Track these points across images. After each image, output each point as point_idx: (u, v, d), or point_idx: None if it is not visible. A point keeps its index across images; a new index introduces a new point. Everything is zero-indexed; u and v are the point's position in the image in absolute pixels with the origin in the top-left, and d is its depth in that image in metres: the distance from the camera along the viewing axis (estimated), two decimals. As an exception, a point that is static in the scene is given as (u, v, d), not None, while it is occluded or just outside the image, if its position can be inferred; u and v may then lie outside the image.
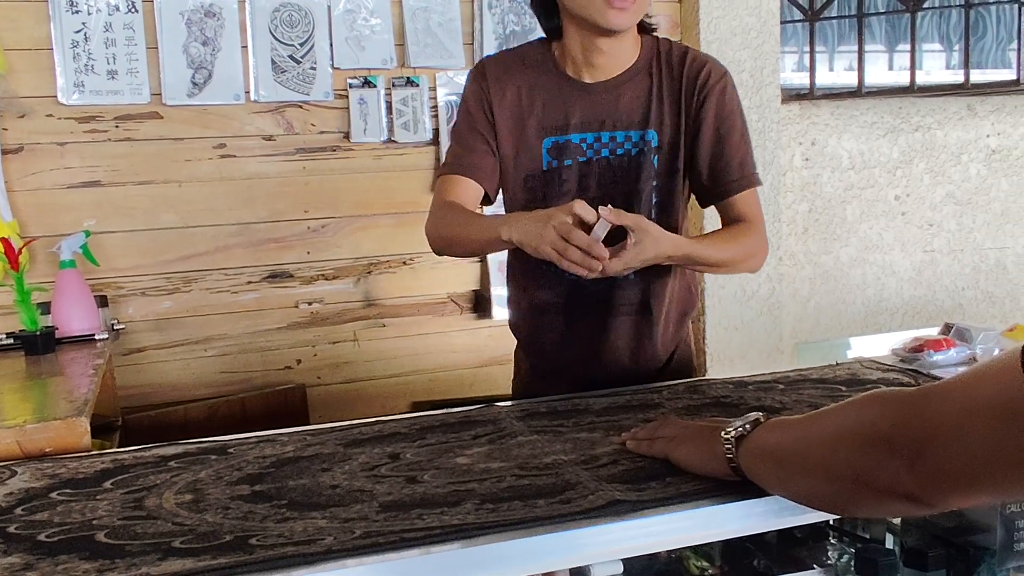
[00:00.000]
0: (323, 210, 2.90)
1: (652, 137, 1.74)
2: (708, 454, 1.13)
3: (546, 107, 1.75)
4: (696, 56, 1.76)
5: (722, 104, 1.73)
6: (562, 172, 1.75)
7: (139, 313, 2.78)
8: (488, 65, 1.80)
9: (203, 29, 2.71)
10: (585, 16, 1.64)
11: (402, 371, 3.05)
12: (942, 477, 0.85)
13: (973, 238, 3.80)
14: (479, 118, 1.77)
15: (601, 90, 1.74)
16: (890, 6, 3.51)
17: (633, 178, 1.75)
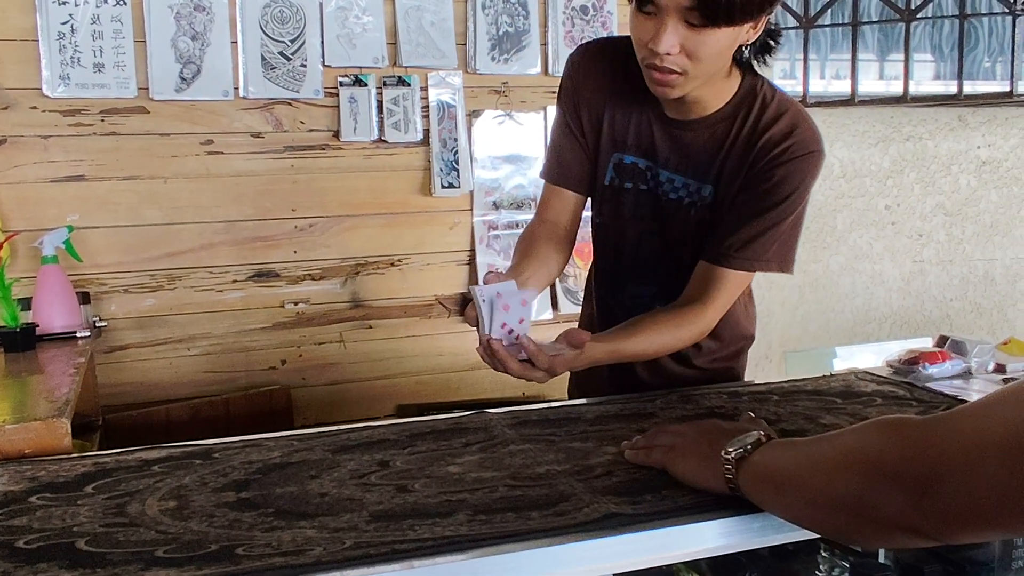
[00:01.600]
0: (311, 209, 2.87)
1: (708, 192, 1.61)
2: (707, 471, 1.11)
3: (625, 123, 1.65)
4: (787, 123, 1.54)
5: (781, 183, 1.53)
6: (619, 193, 1.69)
7: (122, 310, 2.73)
8: (586, 56, 1.68)
9: (192, 23, 2.67)
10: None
11: (388, 373, 3.01)
12: (950, 514, 0.82)
13: (962, 249, 3.80)
14: (570, 109, 1.68)
15: (678, 127, 1.61)
16: (883, 15, 3.50)
17: (680, 226, 1.66)
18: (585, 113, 1.67)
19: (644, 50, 1.44)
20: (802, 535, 1.13)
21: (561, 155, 1.71)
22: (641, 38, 1.43)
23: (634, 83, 1.58)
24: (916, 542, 0.88)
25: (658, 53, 1.40)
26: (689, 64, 1.42)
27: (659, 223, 1.67)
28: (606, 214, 1.71)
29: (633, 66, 1.54)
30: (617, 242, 1.72)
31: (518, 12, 2.94)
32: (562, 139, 1.70)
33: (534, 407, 1.56)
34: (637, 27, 1.44)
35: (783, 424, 1.43)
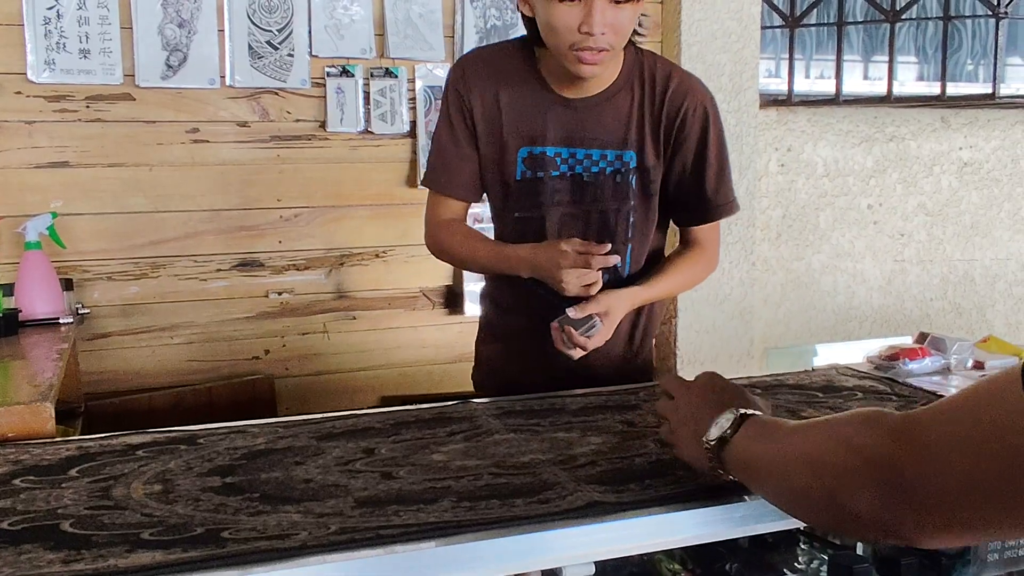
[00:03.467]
0: (297, 199, 2.87)
1: (631, 158, 1.72)
2: (696, 454, 1.11)
3: (524, 116, 1.72)
4: (681, 80, 1.72)
5: (704, 135, 1.72)
6: (536, 184, 1.73)
7: (105, 298, 2.72)
8: (468, 67, 1.76)
9: (179, 11, 2.66)
10: (557, 57, 1.61)
11: (371, 365, 3.01)
12: (925, 514, 0.80)
13: (943, 249, 3.83)
14: (459, 126, 1.74)
15: (581, 107, 1.70)
16: (868, 16, 3.53)
17: (609, 197, 1.74)
18: (479, 118, 1.73)
19: (572, 35, 1.54)
20: (782, 526, 1.15)
21: (448, 164, 1.77)
22: (568, 24, 1.53)
23: (521, 79, 1.72)
24: (890, 540, 0.87)
25: (593, 34, 1.51)
26: (615, 39, 1.56)
27: (579, 203, 1.74)
28: (525, 207, 1.75)
29: (516, 65, 1.72)
30: (539, 231, 1.75)
31: (506, 5, 2.94)
32: (449, 148, 1.76)
33: (518, 397, 1.57)
34: (560, 16, 1.53)
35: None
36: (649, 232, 1.80)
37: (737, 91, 3.20)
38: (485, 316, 1.96)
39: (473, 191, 1.80)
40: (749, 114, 3.24)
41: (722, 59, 3.17)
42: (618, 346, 1.82)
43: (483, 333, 1.97)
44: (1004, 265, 3.94)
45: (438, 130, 1.78)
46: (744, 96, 3.22)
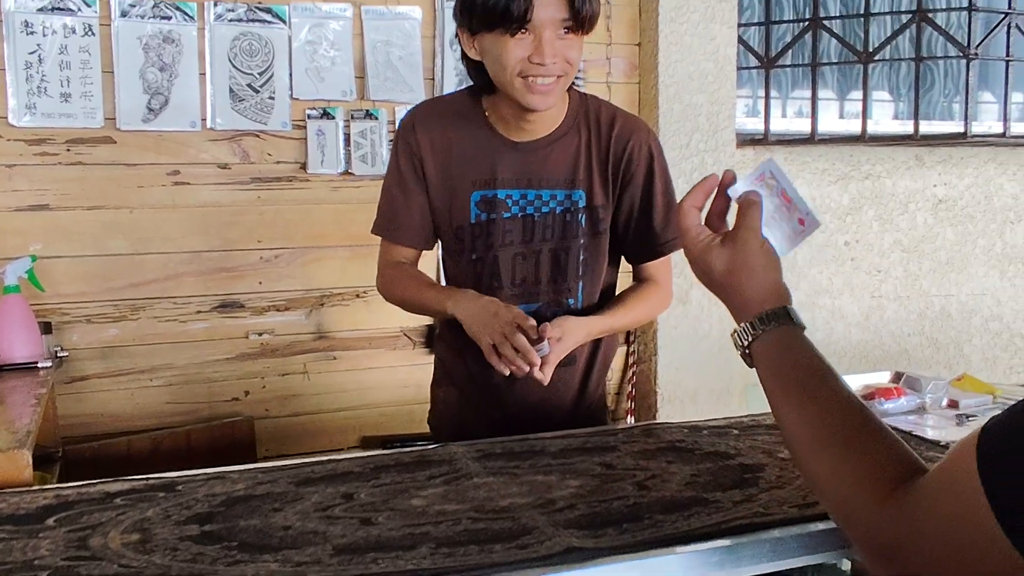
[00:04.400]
0: (277, 240, 2.88)
1: (579, 197, 1.77)
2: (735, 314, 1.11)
3: (475, 161, 1.76)
4: (624, 121, 1.79)
5: (650, 173, 1.79)
6: (489, 226, 1.77)
7: (84, 340, 2.72)
8: (417, 117, 1.80)
9: (161, 55, 2.68)
10: (508, 93, 1.66)
11: (352, 405, 3.01)
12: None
13: (919, 285, 3.87)
14: (409, 175, 1.78)
15: (529, 149, 1.75)
16: (842, 56, 3.59)
17: (559, 236, 1.78)
18: (430, 166, 1.77)
19: (524, 65, 1.59)
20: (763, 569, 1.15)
21: (397, 212, 1.81)
22: (519, 56, 1.59)
23: (471, 126, 1.77)
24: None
25: (544, 64, 1.58)
26: (565, 68, 1.62)
27: (530, 243, 1.78)
28: (479, 249, 1.79)
29: (464, 113, 1.78)
30: (494, 270, 1.79)
31: (485, 48, 2.97)
32: (398, 197, 1.80)
33: (498, 440, 1.57)
34: (510, 50, 1.59)
35: (742, 458, 1.46)
36: (600, 269, 1.84)
37: (714, 131, 3.25)
38: (439, 359, 1.98)
39: (423, 238, 1.83)
40: (726, 153, 3.29)
41: (699, 99, 3.22)
42: (572, 388, 1.86)
43: (437, 375, 1.99)
44: (980, 300, 3.98)
45: (387, 179, 1.82)
46: (721, 136, 3.27)
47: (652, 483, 1.33)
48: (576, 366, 1.86)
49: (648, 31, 3.20)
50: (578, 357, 1.85)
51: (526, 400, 1.82)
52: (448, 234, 1.81)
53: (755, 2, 3.68)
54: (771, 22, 3.53)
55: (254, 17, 2.75)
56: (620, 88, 3.21)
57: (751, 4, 3.69)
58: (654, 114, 3.17)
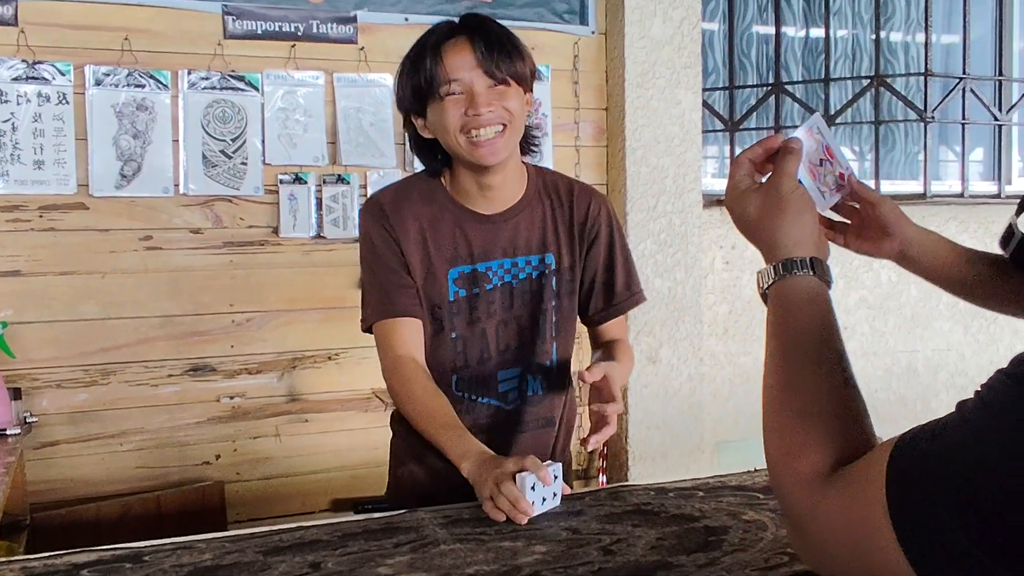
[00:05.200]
0: (249, 304, 2.89)
1: (551, 260, 1.82)
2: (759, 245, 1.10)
3: (448, 239, 1.78)
4: (581, 189, 1.86)
5: (611, 234, 1.85)
6: (471, 301, 1.79)
7: (54, 406, 2.71)
8: (384, 204, 1.79)
9: (134, 122, 2.72)
10: (459, 157, 1.70)
11: (323, 467, 3.01)
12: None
13: (885, 341, 3.93)
14: (391, 258, 1.76)
15: (500, 220, 1.79)
16: (804, 119, 3.68)
17: (536, 300, 1.82)
18: (408, 249, 1.76)
19: (465, 119, 1.64)
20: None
21: (390, 291, 1.76)
22: (456, 113, 1.64)
23: (437, 205, 1.79)
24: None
25: (480, 113, 1.63)
26: (505, 115, 1.66)
27: (511, 310, 1.81)
28: (460, 326, 1.80)
29: (428, 193, 1.80)
30: (480, 345, 1.81)
31: (455, 114, 3.03)
32: (387, 278, 1.76)
33: (466, 505, 1.59)
34: (448, 111, 1.65)
35: (707, 520, 1.48)
36: (572, 329, 1.89)
37: (681, 192, 3.31)
38: (399, 438, 1.97)
39: (422, 313, 1.79)
40: (693, 214, 3.35)
41: (665, 162, 3.28)
42: (547, 451, 1.88)
43: (398, 455, 1.98)
44: (945, 355, 4.05)
45: (371, 269, 1.79)
46: (688, 197, 3.33)
47: (617, 547, 1.35)
48: (554, 428, 1.89)
49: (615, 96, 3.27)
50: (556, 418, 1.88)
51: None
52: (426, 316, 1.80)
53: (719, 67, 3.77)
54: (735, 87, 3.62)
55: (227, 85, 2.80)
56: (588, 151, 3.28)
57: (715, 69, 3.79)
58: (622, 176, 3.24)
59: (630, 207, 3.22)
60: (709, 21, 3.77)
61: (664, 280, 3.32)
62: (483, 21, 1.70)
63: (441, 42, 1.66)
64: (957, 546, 0.75)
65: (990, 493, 0.74)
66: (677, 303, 3.34)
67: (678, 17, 3.27)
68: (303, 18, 2.89)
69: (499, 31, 1.70)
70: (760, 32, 3.91)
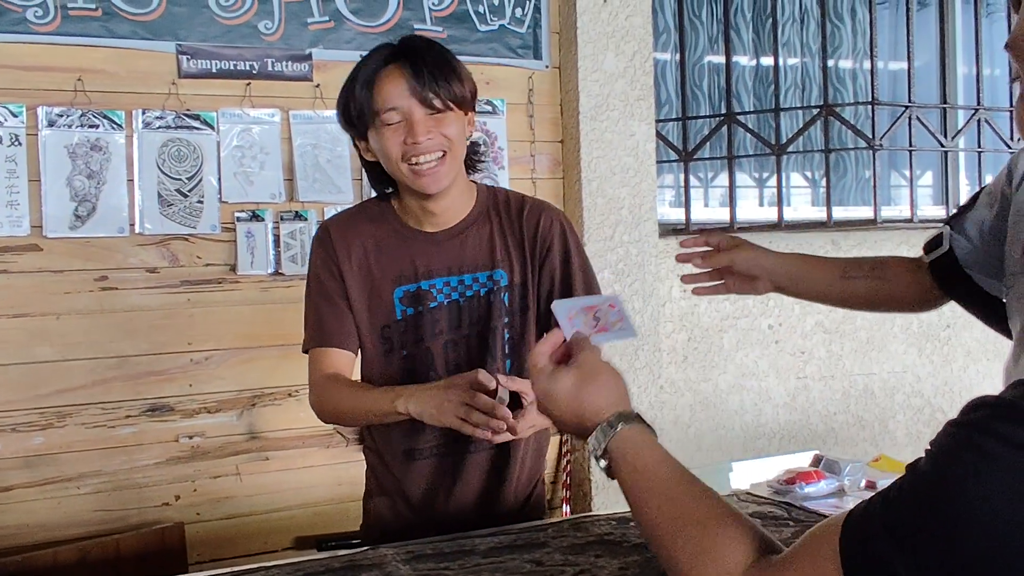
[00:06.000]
0: (207, 342, 2.87)
1: (500, 276, 1.81)
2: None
3: (393, 259, 1.81)
4: (532, 204, 1.86)
5: (565, 248, 1.84)
6: (417, 319, 1.80)
7: (8, 450, 2.67)
8: (331, 228, 1.85)
9: (88, 163, 2.70)
10: (403, 183, 1.74)
11: (285, 505, 2.98)
12: None
13: (842, 365, 3.98)
14: (329, 283, 1.81)
15: (445, 238, 1.81)
16: (757, 149, 3.74)
17: (485, 317, 1.81)
18: (349, 272, 1.80)
19: (404, 147, 1.67)
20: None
21: (325, 320, 1.82)
22: (396, 141, 1.67)
23: (384, 226, 1.83)
24: None
25: (419, 142, 1.65)
26: (444, 142, 1.68)
27: (459, 329, 1.81)
28: (409, 344, 1.81)
29: (375, 216, 1.83)
30: (428, 363, 1.81)
31: (412, 149, 3.05)
32: (325, 307, 1.81)
33: (428, 540, 1.59)
34: (389, 138, 1.67)
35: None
36: (527, 348, 1.85)
37: (637, 222, 3.35)
38: (370, 468, 1.98)
39: (354, 342, 1.83)
40: (650, 243, 3.38)
41: (621, 193, 3.32)
42: (510, 481, 1.86)
43: (369, 486, 1.99)
44: (901, 377, 4.11)
45: (310, 295, 1.85)
46: (644, 227, 3.37)
47: (579, 579, 1.36)
48: (511, 456, 1.85)
49: (570, 128, 3.31)
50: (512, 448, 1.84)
51: (463, 499, 1.82)
52: (372, 335, 1.82)
53: (672, 98, 3.83)
54: (687, 117, 3.68)
55: (182, 124, 2.80)
56: (544, 184, 3.31)
57: (668, 100, 3.85)
58: (578, 208, 3.27)
59: (587, 238, 3.24)
60: (661, 51, 3.84)
61: (623, 309, 3.34)
62: (420, 46, 1.72)
63: (377, 70, 1.68)
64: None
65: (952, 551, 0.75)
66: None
67: (630, 50, 3.32)
68: (258, 56, 2.89)
69: (436, 56, 1.71)
70: (712, 61, 3.98)
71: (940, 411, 4.17)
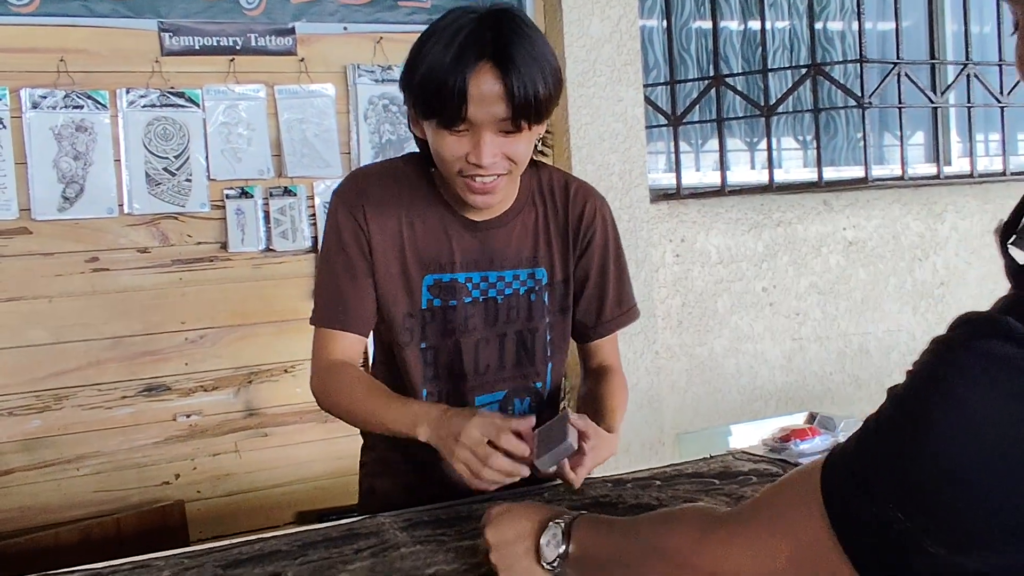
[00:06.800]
0: (201, 320, 2.87)
1: (542, 275, 1.68)
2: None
3: (427, 241, 1.62)
4: (578, 188, 1.70)
5: (605, 242, 1.71)
6: (446, 312, 1.64)
7: (6, 434, 2.67)
8: (364, 188, 1.61)
9: (74, 144, 2.69)
10: (450, 183, 1.54)
11: (286, 481, 2.99)
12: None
13: (837, 325, 3.99)
14: (358, 261, 1.60)
15: (486, 228, 1.64)
16: (746, 111, 3.73)
17: (525, 318, 1.68)
18: (378, 246, 1.60)
19: (461, 163, 1.47)
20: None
21: (345, 298, 1.61)
22: (455, 154, 1.47)
23: (423, 202, 1.62)
24: None
25: (482, 164, 1.45)
26: (509, 165, 1.48)
27: (494, 327, 1.67)
28: (432, 336, 1.65)
29: (415, 185, 1.62)
30: (452, 361, 1.67)
31: (399, 120, 3.04)
32: (346, 281, 1.60)
33: (426, 508, 1.59)
34: (447, 145, 1.47)
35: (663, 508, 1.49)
36: (566, 349, 1.76)
37: (627, 188, 3.34)
38: (369, 447, 1.89)
39: (370, 326, 1.65)
40: (641, 209, 3.38)
41: (611, 159, 3.31)
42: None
43: (371, 466, 1.88)
44: (896, 336, 4.12)
45: (330, 260, 1.61)
46: (635, 192, 3.36)
47: (576, 540, 1.36)
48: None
49: (558, 96, 3.29)
50: None
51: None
52: (394, 322, 1.63)
53: (660, 63, 3.81)
54: (675, 81, 3.66)
55: (167, 102, 2.78)
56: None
57: (656, 64, 3.83)
58: (569, 175, 3.25)
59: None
60: (647, 18, 3.81)
61: (616, 276, 3.34)
62: (518, 50, 1.42)
63: (468, 70, 1.40)
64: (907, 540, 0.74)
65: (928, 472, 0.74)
66: (630, 298, 3.36)
67: (615, 15, 3.30)
68: (241, 31, 2.87)
69: (532, 64, 1.42)
70: (699, 27, 3.96)
71: (936, 368, 4.18)
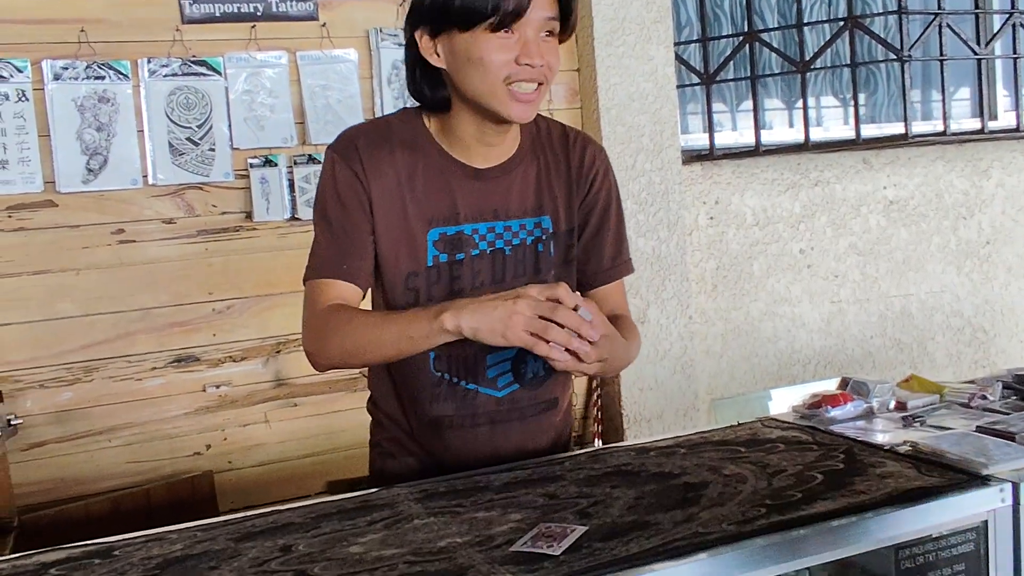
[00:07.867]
0: (228, 291, 2.86)
1: (548, 224, 1.63)
2: None
3: (430, 194, 1.56)
4: (576, 137, 1.68)
5: (608, 190, 1.68)
6: (452, 267, 1.58)
7: (38, 406, 2.69)
8: (360, 141, 1.56)
9: (97, 115, 2.67)
10: (485, 104, 1.48)
11: (316, 451, 2.99)
12: None
13: (878, 287, 3.90)
14: (355, 210, 1.53)
15: (493, 176, 1.58)
16: (783, 67, 3.62)
17: (532, 269, 1.63)
18: (378, 201, 1.54)
19: (509, 68, 1.44)
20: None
21: (346, 252, 1.54)
22: (505, 59, 1.43)
23: (421, 152, 1.57)
24: None
25: (534, 65, 1.43)
26: (549, 74, 1.48)
27: (502, 281, 1.61)
28: (439, 295, 1.58)
29: (411, 136, 1.57)
30: None
31: (424, 85, 2.99)
32: (343, 237, 1.54)
33: (442, 479, 1.56)
34: (495, 51, 1.43)
35: (687, 477, 1.45)
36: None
37: (659, 150, 3.27)
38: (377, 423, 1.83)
39: (368, 282, 1.58)
40: (673, 171, 3.31)
41: (641, 120, 3.24)
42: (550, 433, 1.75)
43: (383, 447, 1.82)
44: (939, 297, 4.02)
45: (326, 215, 1.55)
46: (666, 154, 3.29)
47: (594, 510, 1.33)
48: (558, 408, 1.74)
49: (585, 56, 3.22)
50: (560, 399, 1.74)
51: (502, 451, 1.67)
52: (394, 282, 1.58)
53: (692, 19, 3.72)
54: (708, 38, 3.56)
55: (188, 71, 2.75)
56: (562, 115, 3.23)
57: (688, 22, 3.73)
58: (597, 138, 3.19)
59: (609, 168, 3.18)
60: (679, -26, 3.72)
61: (648, 240, 3.28)
62: None
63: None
64: None
65: None
66: (662, 262, 3.30)
67: (644, -30, 3.22)
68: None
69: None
70: (732, -18, 3.85)
71: (981, 330, 4.08)
